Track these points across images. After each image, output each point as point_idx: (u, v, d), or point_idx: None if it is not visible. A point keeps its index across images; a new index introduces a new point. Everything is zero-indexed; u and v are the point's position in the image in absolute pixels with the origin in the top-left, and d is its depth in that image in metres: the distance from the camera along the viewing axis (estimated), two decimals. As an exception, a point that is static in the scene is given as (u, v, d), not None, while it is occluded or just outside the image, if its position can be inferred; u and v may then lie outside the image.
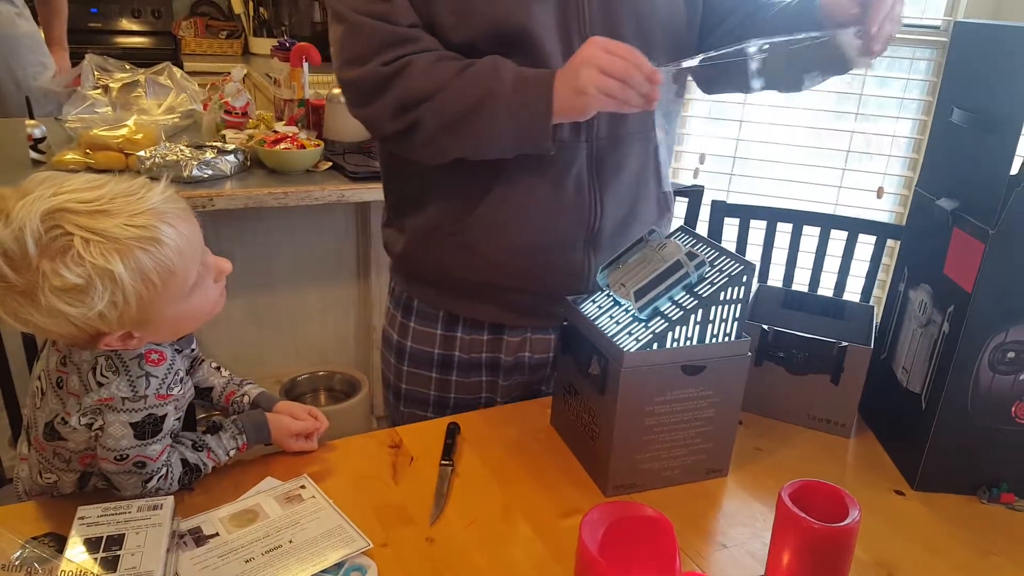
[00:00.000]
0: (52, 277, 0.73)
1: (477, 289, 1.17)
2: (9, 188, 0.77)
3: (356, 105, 1.07)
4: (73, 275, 0.73)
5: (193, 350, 1.00)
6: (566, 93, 0.96)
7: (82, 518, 0.81)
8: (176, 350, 0.91)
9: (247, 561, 0.82)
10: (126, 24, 3.90)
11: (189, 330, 0.94)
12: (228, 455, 0.96)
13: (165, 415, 0.86)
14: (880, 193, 2.34)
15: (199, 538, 0.85)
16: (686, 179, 2.44)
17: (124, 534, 0.79)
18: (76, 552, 0.76)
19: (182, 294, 0.83)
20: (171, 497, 0.86)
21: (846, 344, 1.10)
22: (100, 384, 0.83)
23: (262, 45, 4.00)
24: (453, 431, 1.07)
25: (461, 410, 1.24)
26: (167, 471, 0.89)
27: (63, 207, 0.75)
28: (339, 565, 0.82)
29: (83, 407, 0.84)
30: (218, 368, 1.09)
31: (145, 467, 0.87)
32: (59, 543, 0.81)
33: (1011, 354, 0.96)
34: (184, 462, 0.91)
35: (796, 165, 2.45)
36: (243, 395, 1.06)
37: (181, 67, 2.59)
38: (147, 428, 0.85)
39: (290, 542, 0.85)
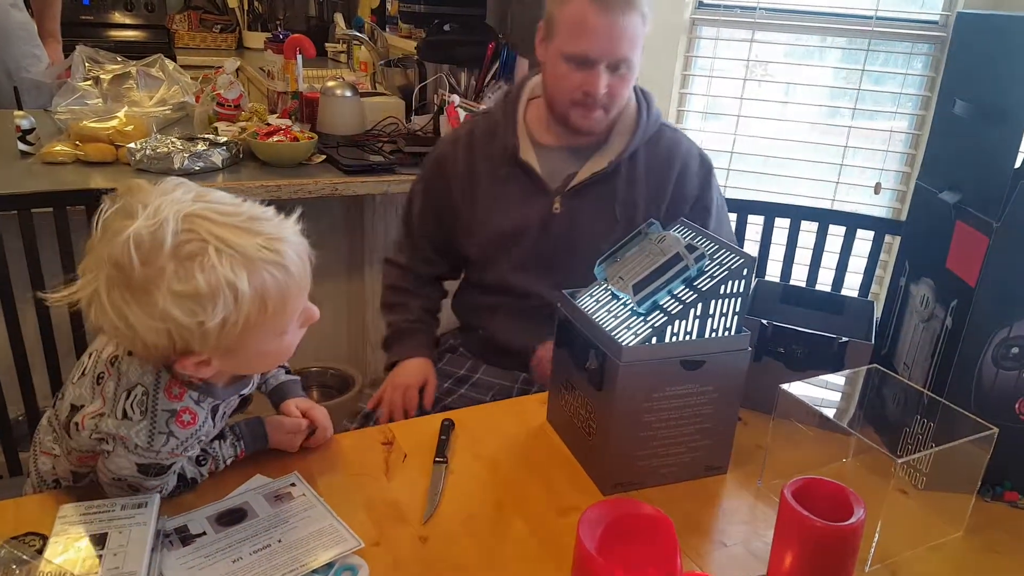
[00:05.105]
0: (174, 280, 0.71)
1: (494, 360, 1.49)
2: (144, 181, 0.77)
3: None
4: (202, 281, 0.71)
5: (244, 393, 0.93)
6: None
7: (63, 516, 0.79)
8: (214, 408, 0.86)
9: (234, 561, 0.80)
10: (119, 17, 3.87)
11: (262, 370, 0.92)
12: (225, 463, 0.94)
13: (173, 463, 0.86)
14: (878, 189, 2.33)
15: (185, 537, 0.83)
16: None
17: (107, 533, 0.77)
18: (56, 552, 0.74)
19: (280, 330, 0.81)
20: (157, 495, 0.84)
21: (847, 340, 1.08)
22: (125, 416, 0.80)
23: (256, 39, 3.98)
24: (447, 427, 1.05)
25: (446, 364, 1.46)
26: (162, 490, 0.87)
27: (202, 214, 0.74)
28: (330, 565, 0.80)
29: (99, 428, 0.81)
30: None
31: (139, 491, 0.85)
32: (42, 542, 0.78)
33: (1015, 349, 0.95)
34: (181, 476, 0.89)
35: (793, 160, 2.43)
36: (270, 378, 1.05)
37: (174, 60, 2.56)
38: (151, 469, 0.84)
39: (279, 542, 0.83)
